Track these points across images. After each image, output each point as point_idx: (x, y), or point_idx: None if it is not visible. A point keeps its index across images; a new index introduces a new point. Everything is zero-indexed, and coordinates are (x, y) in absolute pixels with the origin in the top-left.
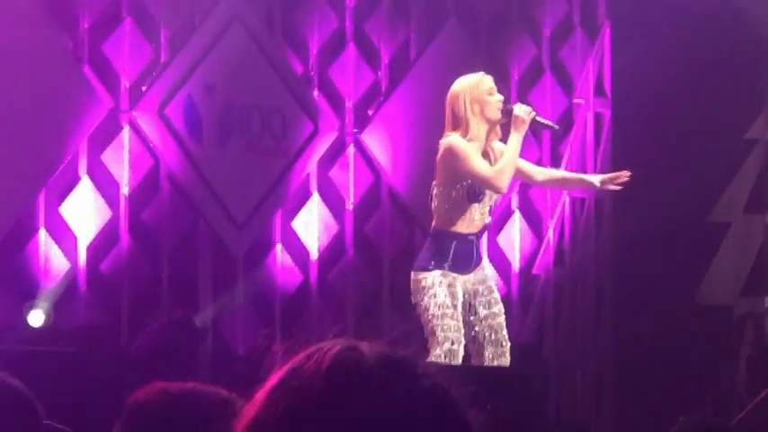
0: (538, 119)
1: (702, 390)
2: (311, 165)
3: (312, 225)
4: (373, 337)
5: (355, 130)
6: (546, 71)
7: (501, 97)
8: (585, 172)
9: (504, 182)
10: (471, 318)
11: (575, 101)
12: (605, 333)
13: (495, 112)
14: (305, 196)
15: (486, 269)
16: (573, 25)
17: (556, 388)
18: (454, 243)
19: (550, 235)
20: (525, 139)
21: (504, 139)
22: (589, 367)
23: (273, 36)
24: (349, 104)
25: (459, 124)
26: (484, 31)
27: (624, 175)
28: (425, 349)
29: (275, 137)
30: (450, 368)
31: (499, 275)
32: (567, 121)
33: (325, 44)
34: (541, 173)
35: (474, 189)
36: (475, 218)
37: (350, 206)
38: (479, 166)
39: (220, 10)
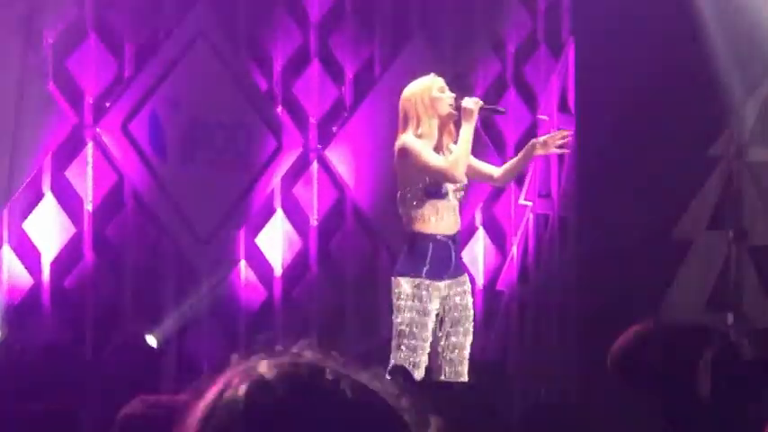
0: (485, 106)
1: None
2: (275, 181)
3: (276, 241)
4: (337, 354)
5: (319, 147)
6: (510, 87)
7: (452, 95)
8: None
9: (459, 171)
10: (439, 333)
11: (539, 117)
12: (570, 349)
13: (445, 107)
14: (269, 213)
15: (467, 284)
16: (537, 42)
17: (520, 405)
18: (431, 245)
19: (514, 251)
20: (489, 155)
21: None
22: (553, 384)
23: (237, 52)
24: (313, 121)
25: (410, 122)
26: (448, 47)
27: (562, 133)
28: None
29: (239, 153)
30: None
31: None
32: (531, 137)
33: (289, 60)
34: (498, 170)
35: (433, 185)
36: (444, 217)
37: (314, 222)
38: (433, 158)
39: (185, 26)
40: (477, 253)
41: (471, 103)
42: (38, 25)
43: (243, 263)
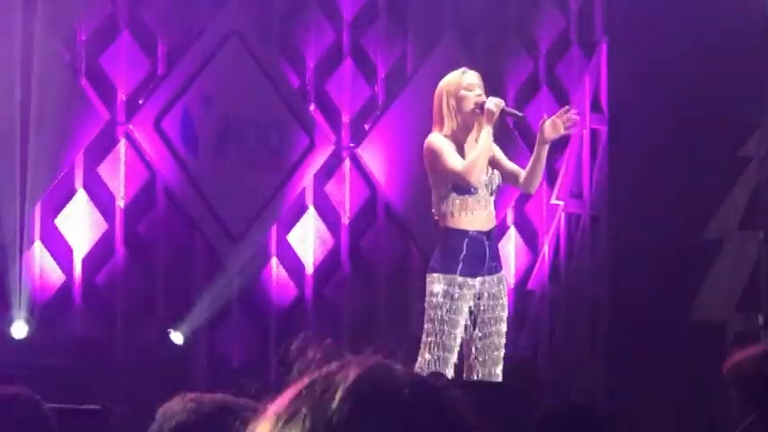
0: (506, 109)
1: (697, 405)
2: (307, 179)
3: (308, 239)
4: (368, 351)
5: (351, 145)
6: (542, 86)
7: (479, 93)
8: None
9: (474, 175)
10: (473, 333)
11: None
12: (600, 348)
13: (469, 105)
14: (301, 210)
15: (503, 283)
16: (570, 41)
17: (548, 404)
18: (465, 241)
19: (546, 250)
20: (521, 154)
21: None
22: (584, 383)
23: (270, 50)
24: (345, 118)
25: (438, 121)
26: (480, 46)
27: (566, 110)
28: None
29: (271, 150)
30: (460, 385)
31: None
32: (562, 137)
33: (321, 58)
34: (523, 171)
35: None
36: (476, 212)
37: (346, 220)
38: (451, 160)
39: (218, 23)
40: (509, 252)
41: (493, 104)
42: (71, 23)
43: (274, 260)
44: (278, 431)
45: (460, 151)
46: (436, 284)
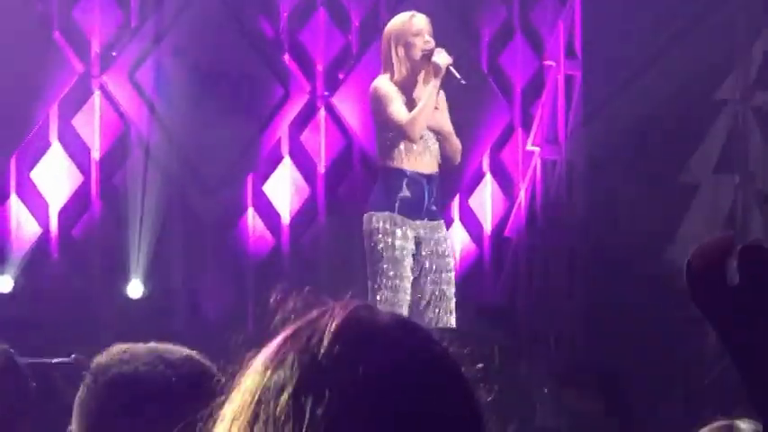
0: (451, 69)
1: (674, 351)
2: (282, 129)
3: (284, 189)
4: (348, 297)
5: (326, 94)
6: (517, 33)
7: (429, 40)
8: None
9: (416, 130)
10: (421, 282)
11: (545, 63)
12: (578, 295)
13: (417, 53)
14: (276, 160)
15: (443, 231)
16: None
17: (528, 352)
18: (404, 181)
19: (522, 197)
20: (496, 101)
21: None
22: (562, 330)
23: (243, 0)
24: (320, 68)
25: (386, 66)
26: None
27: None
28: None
29: (246, 101)
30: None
31: (471, 238)
32: (538, 82)
33: (295, 8)
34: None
35: None
36: (418, 155)
37: (321, 170)
38: (395, 111)
39: None
40: (485, 199)
41: (441, 59)
42: None
43: (251, 211)
44: (266, 380)
45: (409, 99)
46: (375, 222)
